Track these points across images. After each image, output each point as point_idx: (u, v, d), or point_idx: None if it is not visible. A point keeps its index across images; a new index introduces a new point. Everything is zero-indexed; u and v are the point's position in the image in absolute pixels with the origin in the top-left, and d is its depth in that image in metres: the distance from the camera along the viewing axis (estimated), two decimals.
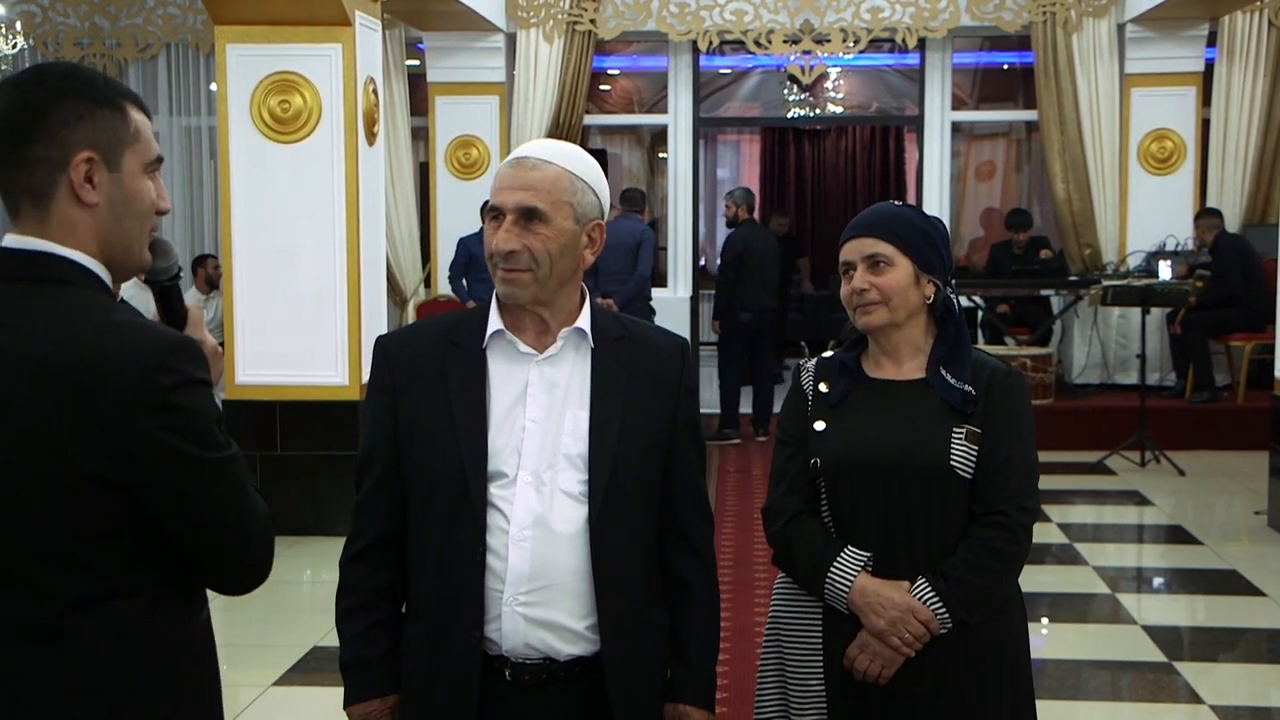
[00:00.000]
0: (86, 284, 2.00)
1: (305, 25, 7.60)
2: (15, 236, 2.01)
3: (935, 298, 2.87)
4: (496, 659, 2.49)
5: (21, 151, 1.98)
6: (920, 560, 2.80)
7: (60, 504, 1.93)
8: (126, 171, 2.03)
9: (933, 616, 2.75)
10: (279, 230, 7.67)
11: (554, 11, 11.77)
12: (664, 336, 2.69)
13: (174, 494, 1.97)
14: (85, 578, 1.96)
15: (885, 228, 2.85)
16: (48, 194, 1.99)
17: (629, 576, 2.53)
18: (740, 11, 11.85)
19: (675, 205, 12.60)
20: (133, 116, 2.05)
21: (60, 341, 1.93)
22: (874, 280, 2.83)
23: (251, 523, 2.05)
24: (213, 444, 1.99)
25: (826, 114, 15.95)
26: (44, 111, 1.97)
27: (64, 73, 2.01)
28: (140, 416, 1.92)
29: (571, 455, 2.50)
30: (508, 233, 2.46)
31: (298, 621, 5.98)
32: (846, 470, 2.83)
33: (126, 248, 2.06)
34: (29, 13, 11.85)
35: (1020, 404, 2.87)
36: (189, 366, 1.97)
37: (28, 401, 1.92)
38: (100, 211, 2.01)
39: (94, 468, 1.92)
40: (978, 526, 2.80)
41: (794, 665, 2.88)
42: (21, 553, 1.96)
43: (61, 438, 1.91)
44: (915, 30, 11.78)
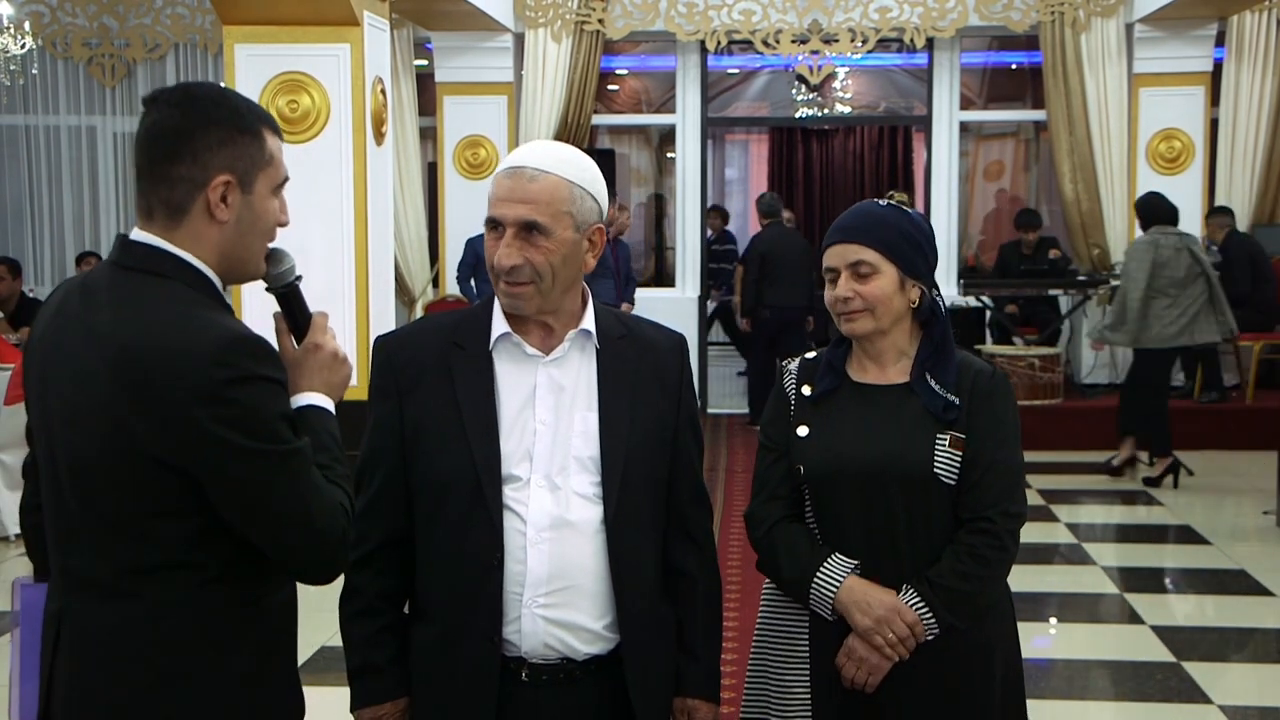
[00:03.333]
0: (189, 282, 2.14)
1: (314, 25, 7.61)
2: (141, 232, 2.17)
3: (920, 301, 2.84)
4: (513, 660, 2.49)
5: (166, 169, 2.14)
6: (906, 567, 2.78)
7: (123, 477, 2.07)
8: (257, 193, 2.19)
9: (918, 620, 2.73)
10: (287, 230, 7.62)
11: (562, 11, 11.76)
12: (663, 333, 2.70)
13: (229, 483, 2.07)
14: (142, 546, 2.09)
15: (869, 233, 2.80)
16: (184, 209, 2.15)
17: (643, 575, 2.55)
18: (748, 11, 11.84)
19: (683, 205, 12.58)
20: (268, 142, 2.21)
21: (140, 329, 2.06)
22: (859, 288, 2.79)
23: (317, 515, 2.12)
24: (270, 437, 2.08)
25: (834, 114, 15.94)
26: (191, 135, 2.14)
27: (213, 99, 2.18)
28: (193, 406, 2.02)
29: (582, 458, 2.50)
30: (509, 247, 2.45)
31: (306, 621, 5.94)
32: (830, 478, 2.81)
33: (243, 260, 2.22)
34: (37, 13, 11.86)
35: (1005, 407, 2.84)
36: (248, 362, 2.06)
37: (106, 380, 2.06)
38: (228, 228, 2.17)
39: (153, 450, 2.04)
40: (964, 532, 2.78)
41: (778, 671, 2.87)
42: (86, 515, 2.12)
43: (127, 418, 2.04)
44: (923, 30, 11.77)
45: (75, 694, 2.17)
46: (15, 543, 7.68)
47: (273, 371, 2.11)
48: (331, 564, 2.18)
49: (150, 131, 2.16)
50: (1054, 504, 8.72)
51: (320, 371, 2.29)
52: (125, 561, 2.11)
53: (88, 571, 2.15)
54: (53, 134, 12.43)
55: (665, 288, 13.19)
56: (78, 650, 2.17)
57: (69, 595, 2.19)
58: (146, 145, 2.17)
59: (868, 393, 2.84)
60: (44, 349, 2.21)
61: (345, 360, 2.32)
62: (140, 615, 2.11)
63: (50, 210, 12.43)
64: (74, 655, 2.17)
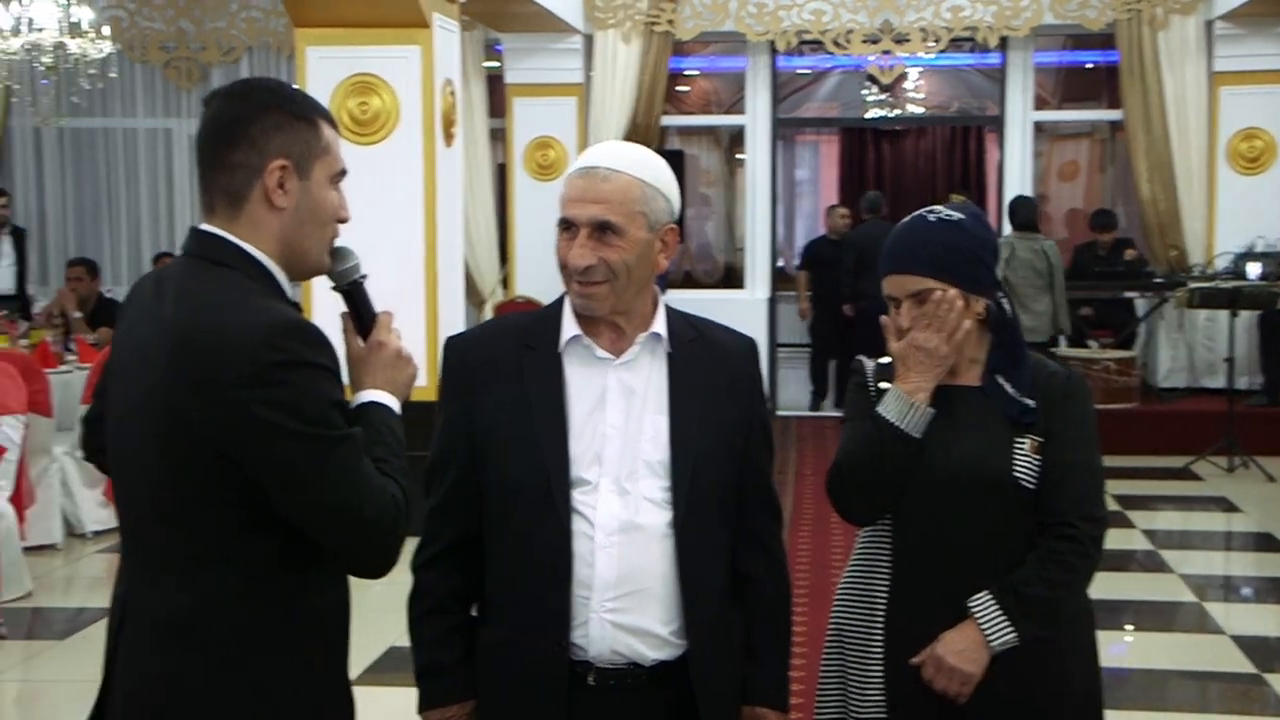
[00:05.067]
0: (249, 273, 2.16)
1: (384, 27, 7.63)
2: (206, 225, 2.21)
3: (987, 311, 2.77)
4: (580, 665, 2.46)
5: (225, 155, 2.17)
6: (983, 573, 2.72)
7: (180, 463, 2.08)
8: (315, 181, 2.21)
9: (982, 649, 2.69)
10: (357, 231, 7.60)
11: (632, 12, 11.74)
12: (734, 336, 2.67)
13: (277, 467, 2.06)
14: (195, 535, 2.11)
15: (923, 260, 2.72)
16: (243, 195, 2.17)
17: (711, 580, 2.53)
18: (819, 11, 11.76)
19: (753, 206, 12.53)
20: (324, 131, 2.23)
21: (196, 313, 2.09)
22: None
23: (368, 504, 2.11)
24: (319, 422, 2.07)
25: (906, 114, 15.81)
26: (248, 121, 2.17)
27: (268, 88, 2.22)
28: (242, 388, 2.03)
29: (652, 462, 2.48)
30: (582, 248, 2.43)
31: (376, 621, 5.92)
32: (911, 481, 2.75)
33: (305, 250, 2.22)
34: (117, 17, 11.99)
35: (1083, 409, 2.79)
36: (299, 346, 2.07)
37: (162, 364, 2.08)
38: (287, 215, 2.19)
39: (205, 434, 2.05)
40: (1046, 539, 2.73)
41: (855, 674, 2.83)
42: (149, 502, 2.14)
43: (181, 402, 2.06)
44: (997, 29, 11.64)
45: (132, 676, 2.18)
46: (93, 539, 7.77)
47: (324, 359, 2.11)
48: (382, 555, 2.17)
49: (209, 123, 2.20)
50: (1130, 510, 8.58)
51: (384, 370, 2.29)
52: (179, 550, 2.12)
53: (147, 559, 2.18)
54: (130, 136, 12.59)
55: (734, 289, 13.10)
56: (136, 637, 2.19)
57: (131, 581, 2.22)
58: (206, 136, 2.20)
59: (945, 395, 2.78)
60: (121, 338, 2.26)
61: (410, 359, 2.32)
62: (191, 606, 2.12)
63: (127, 211, 12.59)
64: (132, 641, 2.19)
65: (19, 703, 5.68)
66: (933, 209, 2.80)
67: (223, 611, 2.12)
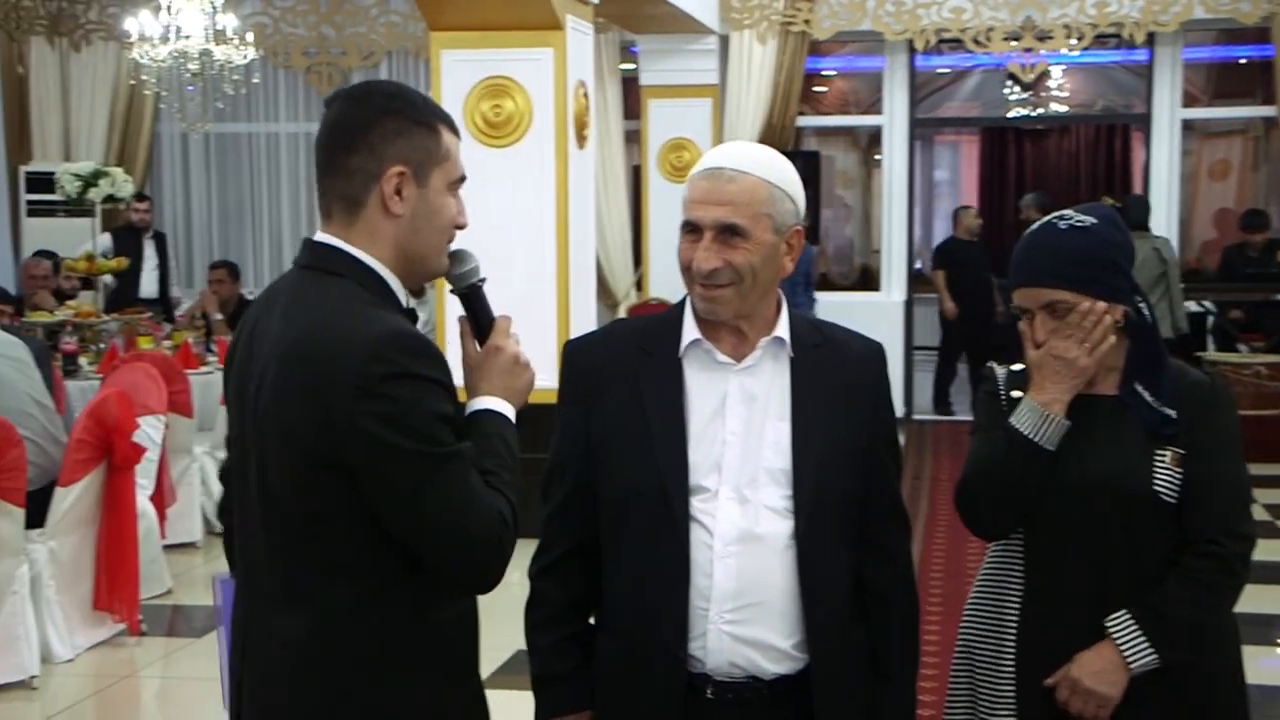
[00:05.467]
0: (361, 281, 2.12)
1: (518, 30, 7.64)
2: (322, 234, 2.19)
3: (1125, 319, 2.65)
4: (699, 677, 2.41)
5: (343, 160, 2.15)
6: (1120, 591, 2.62)
7: (295, 478, 2.06)
8: (433, 187, 2.17)
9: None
10: (490, 234, 7.71)
11: (768, 13, 11.66)
12: (861, 342, 2.59)
13: (384, 483, 2.03)
14: (313, 552, 2.08)
15: (1056, 273, 2.60)
16: (360, 201, 2.14)
17: (834, 593, 2.45)
18: (959, 9, 11.56)
19: (889, 207, 12.36)
20: (444, 137, 2.19)
21: (304, 326, 2.06)
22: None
23: (474, 522, 2.07)
24: (426, 438, 2.03)
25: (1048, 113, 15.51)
26: (367, 126, 2.14)
27: (390, 92, 2.18)
28: (350, 402, 1.99)
29: (773, 470, 2.42)
30: (708, 251, 2.38)
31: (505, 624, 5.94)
32: (1044, 494, 2.66)
33: (422, 257, 2.19)
34: (261, 24, 12.24)
35: (1227, 419, 2.67)
36: (405, 359, 2.03)
37: (275, 378, 2.06)
38: (403, 222, 2.15)
39: (319, 450, 2.02)
40: (1189, 556, 2.61)
41: (985, 693, 2.75)
42: (266, 519, 2.12)
43: (293, 416, 2.03)
44: (1144, 25, 11.33)
45: (259, 703, 2.18)
46: None
47: (433, 371, 2.07)
48: (486, 573, 2.13)
49: (328, 127, 2.18)
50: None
51: (501, 375, 2.25)
52: (297, 568, 2.10)
53: (264, 578, 2.15)
54: (272, 141, 12.84)
55: (870, 291, 12.94)
56: (259, 661, 2.18)
57: (250, 604, 2.20)
58: (325, 140, 2.18)
59: (1080, 406, 2.67)
60: (238, 354, 2.23)
61: (527, 365, 2.28)
62: (313, 627, 2.10)
63: (270, 215, 12.85)
64: (256, 665, 2.18)
65: (159, 699, 5.80)
66: (1063, 214, 2.68)
67: (349, 629, 2.09)
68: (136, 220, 10.91)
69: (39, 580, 5.59)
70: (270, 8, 12.42)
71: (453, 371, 2.15)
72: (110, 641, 6.02)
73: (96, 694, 5.56)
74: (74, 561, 5.82)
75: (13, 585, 5.38)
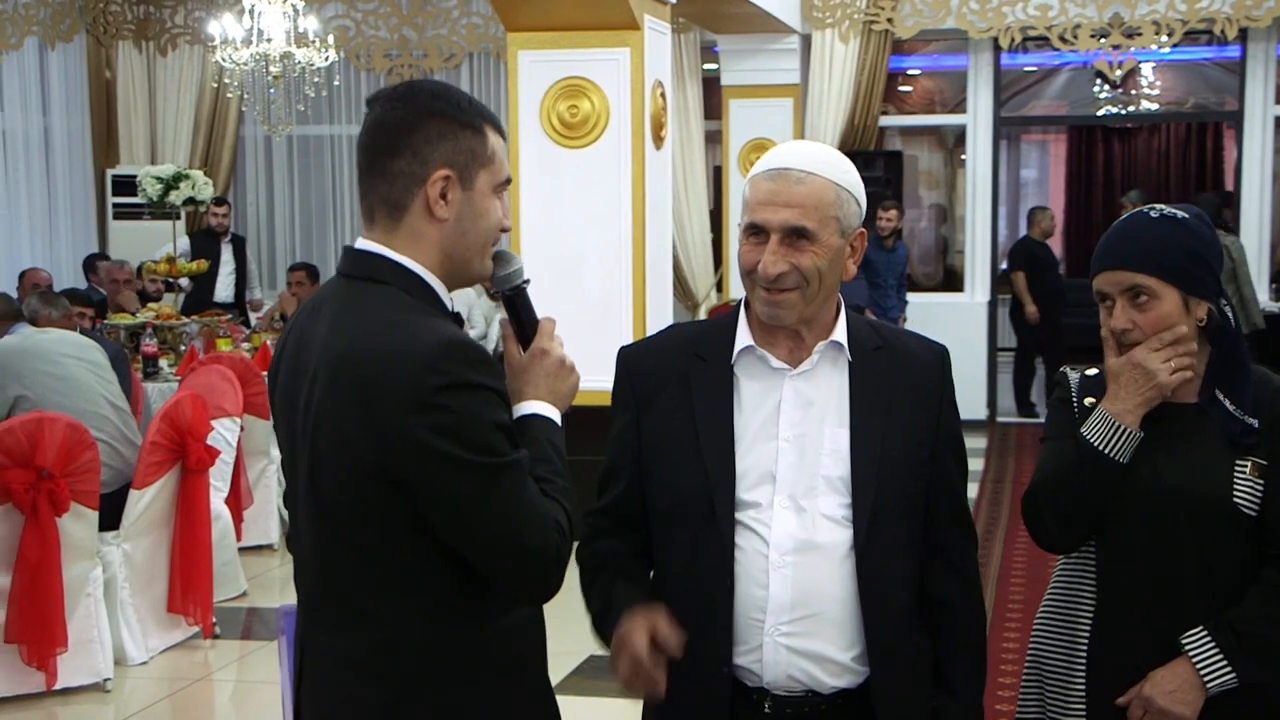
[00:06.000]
0: (407, 288, 2.08)
1: (594, 30, 7.60)
2: (364, 240, 2.14)
3: (1209, 318, 2.55)
4: (756, 690, 2.35)
5: (386, 163, 2.09)
6: (1196, 607, 2.52)
7: (350, 492, 2.02)
8: (478, 191, 2.12)
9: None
10: (566, 235, 7.70)
11: (850, 11, 11.53)
12: (923, 344, 2.51)
13: (442, 495, 1.99)
14: (369, 567, 2.04)
15: (1143, 257, 2.51)
16: (404, 205, 2.10)
17: (896, 603, 2.38)
18: (1044, 6, 11.36)
19: (973, 207, 12.18)
20: (490, 139, 2.14)
21: (354, 337, 2.01)
22: (1137, 317, 2.52)
23: (531, 533, 2.03)
24: (483, 449, 1.99)
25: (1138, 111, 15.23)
26: (411, 129, 2.09)
27: (434, 92, 2.12)
28: (406, 415, 1.95)
29: (832, 478, 2.35)
30: (774, 254, 2.31)
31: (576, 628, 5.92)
32: (1117, 505, 2.56)
33: (466, 260, 2.14)
34: (343, 27, 12.31)
35: None
36: (461, 368, 1.98)
37: (326, 390, 2.02)
38: (448, 226, 2.10)
39: (372, 461, 1.98)
40: (1271, 570, 2.51)
41: (1056, 709, 2.66)
42: (320, 536, 2.08)
43: (346, 429, 1.99)
44: (1235, 20, 11.07)
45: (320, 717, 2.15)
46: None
47: (489, 379, 2.03)
48: (543, 584, 2.08)
49: (372, 128, 2.13)
50: None
51: (546, 379, 2.20)
52: (354, 584, 2.06)
53: (322, 597, 2.12)
54: (353, 143, 12.82)
55: (953, 292, 12.76)
56: (316, 682, 2.15)
57: (308, 621, 2.17)
58: (368, 142, 2.13)
59: (1157, 413, 2.57)
60: (284, 364, 2.19)
61: (572, 368, 2.23)
62: (372, 645, 2.06)
63: (351, 217, 12.90)
64: (313, 687, 2.16)
65: (233, 701, 5.81)
66: (1154, 206, 2.60)
67: (409, 642, 2.06)
68: (214, 225, 11.02)
69: (113, 583, 5.63)
70: (353, 10, 12.49)
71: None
72: (184, 644, 6.06)
73: (170, 697, 5.59)
74: (148, 564, 5.85)
75: (86, 588, 5.42)
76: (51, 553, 5.17)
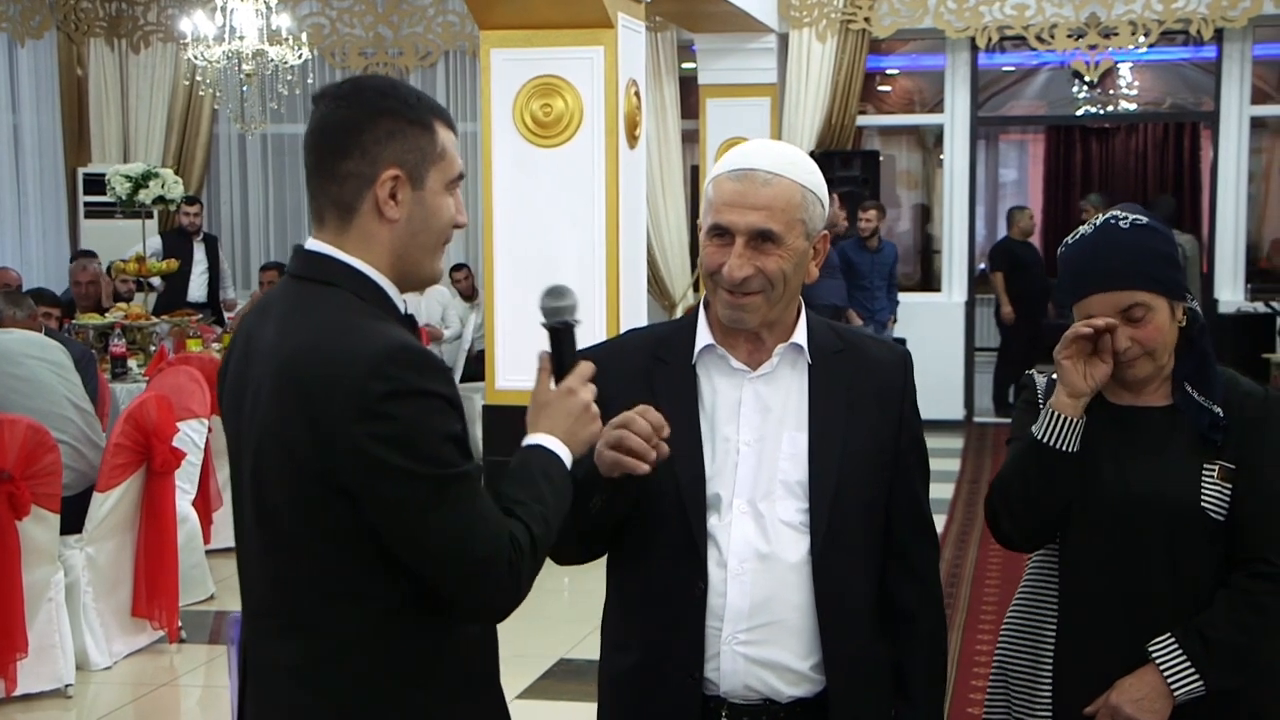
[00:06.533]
0: (358, 291, 2.04)
1: (568, 28, 7.55)
2: (315, 241, 2.09)
3: (1188, 320, 2.52)
4: (713, 699, 2.32)
5: (334, 164, 2.04)
6: (1163, 613, 2.48)
7: (295, 499, 1.97)
8: (429, 189, 2.07)
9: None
10: (539, 234, 7.65)
11: (827, 10, 11.51)
12: (885, 348, 2.49)
13: (387, 505, 1.94)
14: (318, 575, 1.99)
15: (1135, 274, 2.46)
16: (353, 207, 2.04)
17: (854, 611, 2.35)
18: (1021, 6, 11.35)
19: (950, 207, 12.17)
20: (440, 135, 2.09)
21: (301, 340, 1.97)
22: (1135, 334, 2.47)
23: (480, 544, 1.96)
24: (430, 459, 1.93)
25: (1116, 111, 15.25)
26: (360, 128, 2.03)
27: (381, 90, 2.07)
28: (351, 422, 1.90)
29: (790, 482, 2.31)
30: (740, 258, 2.26)
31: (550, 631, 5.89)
32: (1081, 509, 2.52)
33: (418, 261, 2.10)
34: (318, 25, 12.24)
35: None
36: (409, 375, 1.93)
37: (271, 394, 1.97)
38: (399, 227, 2.06)
39: (318, 467, 1.93)
40: (1239, 577, 2.47)
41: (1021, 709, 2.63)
42: (264, 542, 2.03)
43: (291, 434, 1.94)
44: (1211, 20, 11.07)
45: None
46: None
47: (439, 386, 1.96)
48: (494, 598, 2.01)
49: (318, 128, 2.07)
50: None
51: (567, 418, 2.15)
52: (302, 592, 2.01)
53: (266, 603, 2.07)
54: None
55: (931, 292, 12.75)
56: (259, 690, 2.10)
57: (250, 628, 2.12)
58: (315, 143, 2.07)
59: (1125, 417, 2.54)
60: (232, 367, 2.14)
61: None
62: (320, 653, 2.01)
63: None
64: (256, 695, 2.10)
65: (200, 706, 5.74)
66: (1115, 215, 2.53)
67: (354, 653, 2.00)
68: (186, 224, 10.92)
69: (76, 587, 5.56)
70: (327, 8, 12.41)
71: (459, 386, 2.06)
72: (149, 649, 5.98)
73: (134, 702, 5.52)
74: (112, 568, 5.78)
75: (48, 592, 5.35)
76: (11, 557, 5.10)
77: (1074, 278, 2.52)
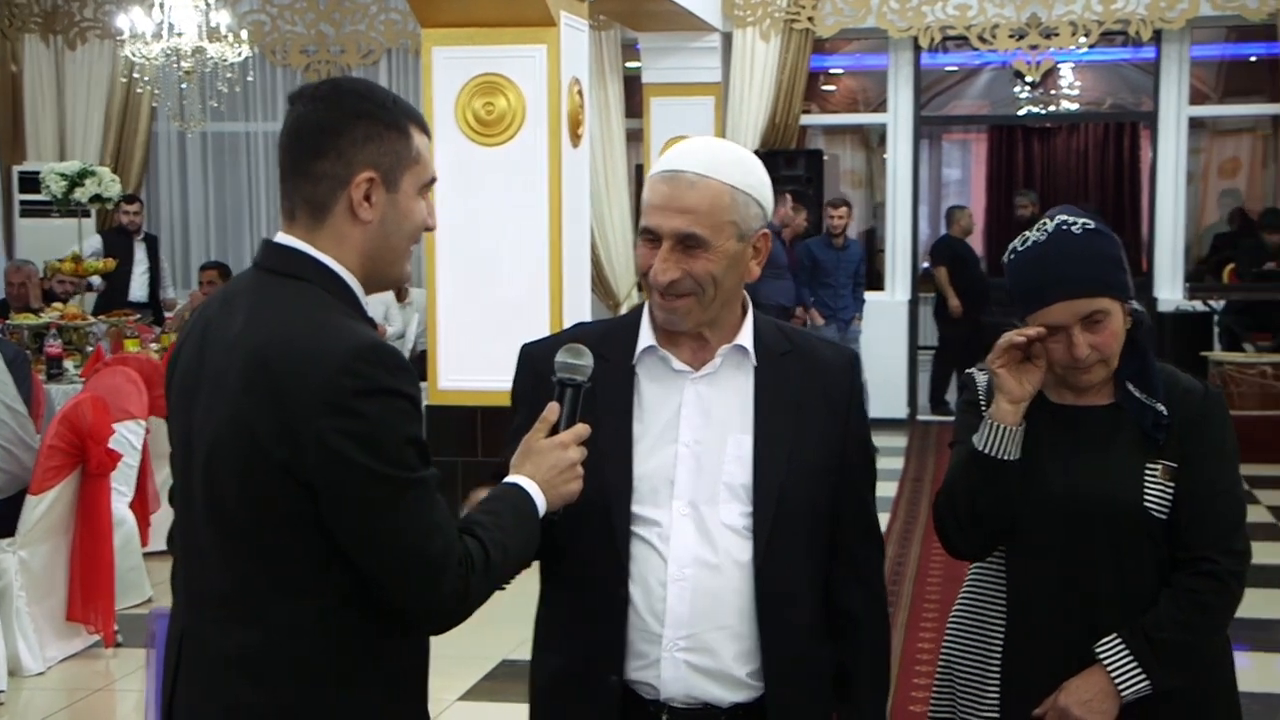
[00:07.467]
0: (327, 287, 2.06)
1: (510, 26, 7.50)
2: (284, 235, 2.10)
3: (1133, 320, 2.52)
4: (653, 704, 2.30)
5: (309, 164, 2.06)
6: (1106, 613, 2.48)
7: (252, 488, 1.97)
8: (403, 192, 2.10)
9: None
10: (482, 233, 7.60)
11: (771, 9, 11.53)
12: (832, 349, 2.46)
13: (343, 501, 1.95)
14: (269, 563, 2.00)
15: (1094, 281, 2.44)
16: (327, 207, 2.07)
17: (797, 617, 2.32)
18: (963, 6, 11.41)
19: (894, 206, 12.22)
20: (415, 139, 2.12)
21: (272, 333, 1.98)
22: (1094, 340, 2.45)
23: (432, 555, 1.98)
24: (393, 460, 1.95)
25: (1055, 111, 15.36)
26: (337, 130, 2.05)
27: (359, 92, 2.09)
28: (318, 415, 1.92)
29: (734, 485, 2.28)
30: (666, 262, 2.24)
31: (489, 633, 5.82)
32: (1025, 510, 2.51)
33: (389, 263, 2.13)
34: (258, 22, 12.13)
35: (1222, 431, 2.52)
36: (379, 373, 1.95)
37: (236, 384, 1.98)
38: (371, 228, 2.08)
39: (278, 458, 1.94)
40: (1181, 575, 2.47)
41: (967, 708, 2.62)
42: (215, 530, 2.03)
43: (255, 425, 1.95)
44: (1150, 22, 11.17)
45: (194, 717, 2.08)
46: None
47: (406, 387, 1.99)
48: (435, 608, 2.02)
49: (294, 128, 2.08)
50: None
51: (550, 470, 2.17)
52: (251, 579, 2.01)
53: (212, 589, 2.06)
54: (270, 140, 12.68)
55: (874, 291, 12.80)
56: (195, 677, 2.08)
57: (191, 616, 2.10)
58: (291, 142, 2.08)
59: (1068, 416, 2.54)
60: (184, 354, 2.14)
61: (579, 477, 2.19)
62: (262, 641, 2.00)
63: (267, 215, 12.71)
64: (191, 681, 2.08)
65: (137, 710, 5.65)
66: (1063, 220, 2.50)
67: (295, 646, 2.01)
68: (126, 223, 10.80)
69: (8, 591, 5.48)
70: (268, 5, 12.30)
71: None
72: (84, 653, 5.89)
73: (68, 707, 5.43)
74: (46, 571, 5.69)
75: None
76: None
77: (1032, 286, 2.48)
